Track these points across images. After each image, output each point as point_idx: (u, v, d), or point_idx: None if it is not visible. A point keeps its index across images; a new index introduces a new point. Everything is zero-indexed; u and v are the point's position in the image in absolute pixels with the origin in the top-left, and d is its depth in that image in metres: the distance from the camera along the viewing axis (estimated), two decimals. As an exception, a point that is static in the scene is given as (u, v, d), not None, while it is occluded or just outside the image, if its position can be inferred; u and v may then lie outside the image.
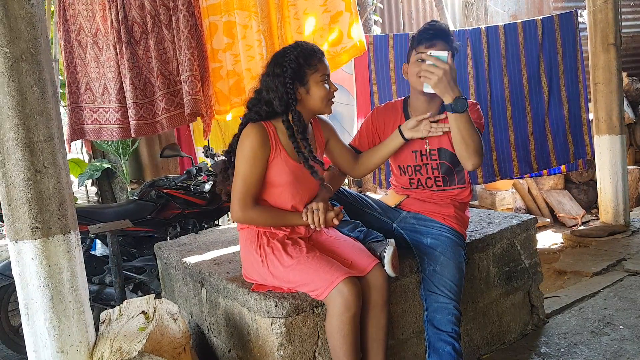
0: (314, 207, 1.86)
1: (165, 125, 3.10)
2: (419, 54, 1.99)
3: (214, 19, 3.04)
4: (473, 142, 1.93)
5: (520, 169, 4.15)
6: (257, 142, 1.81)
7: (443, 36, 2.00)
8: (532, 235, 2.61)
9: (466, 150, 1.94)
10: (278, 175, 1.87)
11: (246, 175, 1.83)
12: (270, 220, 1.88)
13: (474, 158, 1.95)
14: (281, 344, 1.81)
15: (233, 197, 1.86)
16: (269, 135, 1.84)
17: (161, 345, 1.80)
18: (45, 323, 1.73)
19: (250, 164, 1.82)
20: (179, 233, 3.25)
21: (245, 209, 1.84)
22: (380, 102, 4.12)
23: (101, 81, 3.18)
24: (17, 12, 1.64)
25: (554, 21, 4.05)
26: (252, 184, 1.84)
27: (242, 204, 1.84)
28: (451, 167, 2.12)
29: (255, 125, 1.84)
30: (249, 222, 1.89)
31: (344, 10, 2.82)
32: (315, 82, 1.85)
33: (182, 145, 4.79)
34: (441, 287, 1.98)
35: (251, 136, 1.82)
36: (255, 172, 1.83)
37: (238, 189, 1.84)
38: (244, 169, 1.83)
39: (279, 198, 1.90)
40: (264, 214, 1.87)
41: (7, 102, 1.64)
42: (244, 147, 1.83)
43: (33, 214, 1.68)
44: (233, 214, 1.87)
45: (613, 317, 2.66)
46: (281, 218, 1.89)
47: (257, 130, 1.83)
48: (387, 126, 2.19)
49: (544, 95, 4.11)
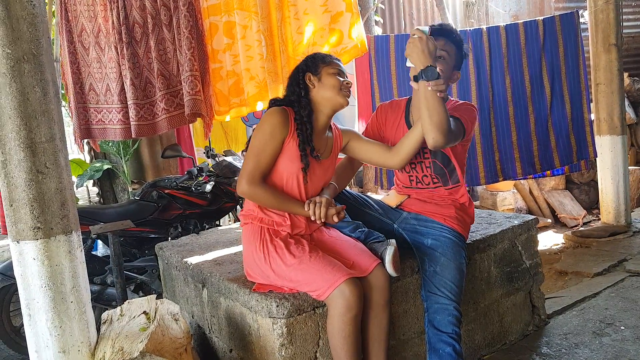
0: (317, 200, 1.90)
1: (165, 126, 3.11)
2: None
3: (214, 20, 3.04)
4: (437, 115, 1.84)
5: (523, 169, 4.15)
6: (277, 120, 1.87)
7: (447, 34, 2.06)
8: (533, 236, 2.61)
9: (429, 123, 1.85)
10: (289, 160, 1.90)
11: (259, 150, 1.87)
12: (273, 201, 1.90)
13: (434, 132, 1.85)
14: (282, 345, 1.81)
15: (242, 170, 1.89)
16: (289, 119, 1.90)
17: (162, 346, 1.81)
18: (46, 323, 1.74)
19: (266, 140, 1.87)
20: (180, 233, 3.26)
21: (252, 184, 1.86)
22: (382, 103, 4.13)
23: (104, 81, 3.19)
24: (19, 13, 1.64)
25: (556, 21, 4.05)
26: (263, 160, 1.88)
27: (250, 177, 1.86)
28: (442, 167, 2.13)
29: (278, 108, 1.92)
30: (252, 197, 1.90)
31: (345, 10, 2.82)
32: (328, 73, 1.95)
33: (182, 146, 4.79)
34: (442, 288, 1.98)
35: (273, 114, 1.89)
36: (269, 149, 1.87)
37: (249, 162, 1.88)
38: (258, 144, 1.87)
39: (285, 185, 1.93)
40: (268, 193, 1.89)
41: (9, 102, 1.64)
42: (263, 124, 1.89)
43: (35, 214, 1.69)
44: (239, 186, 1.89)
45: (614, 317, 2.66)
46: (284, 203, 1.91)
47: (279, 112, 1.90)
48: (388, 123, 2.21)
49: (546, 95, 4.10)
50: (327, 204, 1.91)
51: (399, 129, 2.18)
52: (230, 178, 3.40)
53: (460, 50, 2.10)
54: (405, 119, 2.17)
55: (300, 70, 1.96)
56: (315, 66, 1.95)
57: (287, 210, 1.93)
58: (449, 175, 2.14)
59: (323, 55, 2.01)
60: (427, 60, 1.84)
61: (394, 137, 2.19)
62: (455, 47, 2.07)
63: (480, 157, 4.09)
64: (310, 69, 1.95)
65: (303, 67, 1.97)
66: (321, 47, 2.86)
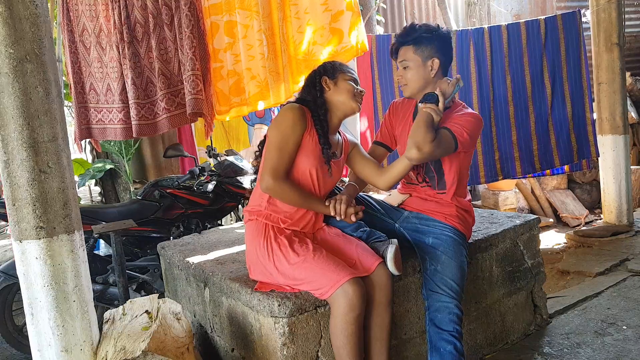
0: (338, 198, 1.94)
1: (165, 126, 3.11)
2: None
3: (215, 19, 3.05)
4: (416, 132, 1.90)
5: (523, 168, 4.14)
6: (297, 115, 1.89)
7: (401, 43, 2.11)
8: (535, 235, 2.61)
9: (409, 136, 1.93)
10: (306, 156, 1.91)
11: (282, 144, 1.87)
12: (297, 197, 1.90)
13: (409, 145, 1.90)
14: (284, 344, 1.81)
15: (265, 166, 1.88)
16: (306, 115, 1.92)
17: (164, 345, 1.81)
18: (49, 322, 1.74)
19: (288, 134, 1.88)
20: (182, 233, 3.26)
21: (278, 179, 1.86)
22: (383, 103, 4.13)
23: (105, 81, 3.19)
24: (21, 13, 1.64)
25: (557, 21, 4.04)
26: (287, 154, 1.88)
27: (275, 172, 1.86)
28: (433, 170, 2.13)
29: (295, 105, 1.95)
30: (278, 192, 1.89)
31: (345, 9, 2.81)
32: (343, 78, 2.01)
33: (184, 146, 4.79)
34: (443, 286, 1.98)
35: (293, 109, 1.92)
36: (291, 141, 1.88)
37: (272, 157, 1.87)
38: (280, 138, 1.88)
39: (301, 180, 1.94)
40: (294, 189, 1.89)
41: (12, 102, 1.65)
42: (282, 119, 1.90)
43: (37, 213, 1.69)
44: (263, 182, 1.88)
45: (616, 317, 2.65)
46: (307, 200, 1.93)
47: (297, 108, 1.92)
48: (399, 119, 2.24)
49: (546, 95, 4.10)
50: (347, 202, 1.93)
51: (406, 127, 2.17)
52: (232, 178, 3.41)
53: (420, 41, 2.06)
54: (413, 117, 2.16)
55: (317, 74, 2.02)
56: (332, 71, 2.01)
57: (309, 208, 1.95)
58: (438, 180, 2.14)
59: (340, 63, 2.08)
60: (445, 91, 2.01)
61: (401, 137, 2.20)
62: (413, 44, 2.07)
63: (480, 156, 4.09)
64: (327, 73, 2.01)
65: (320, 71, 2.02)
66: (322, 47, 2.85)
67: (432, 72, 2.07)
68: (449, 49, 2.11)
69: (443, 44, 2.09)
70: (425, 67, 2.07)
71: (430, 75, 2.07)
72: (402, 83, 2.13)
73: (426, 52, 2.06)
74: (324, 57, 2.84)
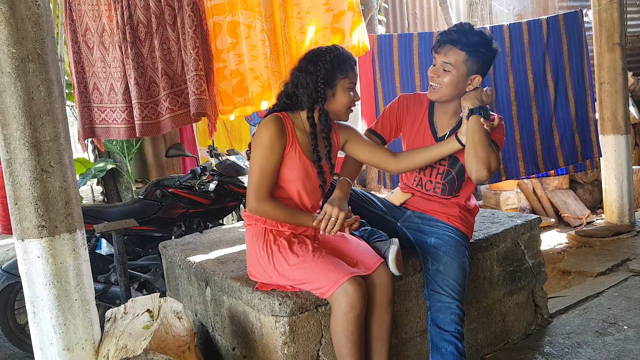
0: (334, 215, 1.83)
1: (169, 125, 3.12)
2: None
3: (218, 19, 3.05)
4: (483, 150, 1.89)
5: (527, 169, 4.14)
6: (274, 133, 1.83)
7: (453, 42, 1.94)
8: (536, 235, 2.61)
9: (474, 157, 1.90)
10: (289, 170, 1.88)
11: (262, 166, 1.84)
12: (282, 216, 1.88)
13: (478, 165, 1.90)
14: (285, 343, 1.82)
15: (249, 187, 1.87)
16: (286, 129, 1.87)
17: (166, 344, 1.82)
18: (51, 321, 1.75)
19: (267, 154, 1.84)
20: (184, 232, 3.27)
21: (260, 200, 1.85)
22: (385, 103, 4.12)
23: (108, 81, 3.20)
24: (24, 13, 1.65)
25: (559, 21, 4.03)
26: (268, 175, 1.85)
27: (257, 194, 1.85)
28: (455, 178, 2.11)
29: (273, 117, 1.87)
30: (262, 214, 1.89)
31: (347, 9, 2.81)
32: (343, 87, 1.89)
33: (186, 145, 4.80)
34: (444, 286, 1.98)
35: (269, 127, 1.84)
36: (272, 162, 1.85)
37: (254, 179, 1.86)
38: (260, 159, 1.84)
39: (286, 192, 1.92)
40: (277, 209, 1.87)
41: (14, 102, 1.65)
42: (261, 138, 1.84)
43: (39, 212, 1.70)
44: (248, 204, 1.88)
45: (617, 317, 2.65)
46: (294, 216, 1.89)
47: (275, 122, 1.85)
48: (410, 115, 2.16)
49: (550, 95, 4.09)
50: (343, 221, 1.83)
51: (420, 129, 2.14)
52: (233, 177, 3.41)
53: (475, 53, 1.94)
54: (429, 121, 2.12)
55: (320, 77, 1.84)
56: (332, 77, 1.86)
57: (297, 224, 1.91)
58: (458, 185, 2.12)
59: (342, 59, 1.88)
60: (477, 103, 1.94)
61: (410, 133, 2.17)
62: (466, 52, 1.93)
63: (483, 157, 4.08)
64: (327, 78, 1.85)
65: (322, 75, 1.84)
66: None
67: (469, 88, 2.00)
68: (489, 68, 2.04)
69: (490, 63, 2.01)
70: (466, 81, 1.98)
71: (465, 90, 2.00)
72: (434, 82, 1.99)
73: (474, 67, 1.95)
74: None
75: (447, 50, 1.95)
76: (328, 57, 1.86)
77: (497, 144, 2.00)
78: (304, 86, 1.87)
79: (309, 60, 1.88)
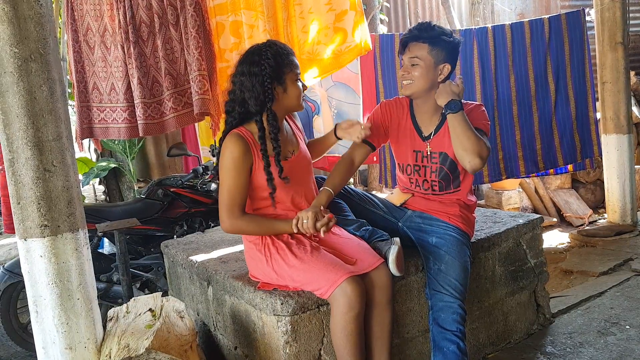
0: (304, 217, 1.82)
1: (173, 125, 3.12)
2: None
3: (220, 19, 3.05)
4: (469, 141, 1.92)
5: (527, 168, 4.14)
6: (237, 153, 1.81)
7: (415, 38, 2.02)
8: (538, 235, 2.61)
9: (462, 149, 1.94)
10: (259, 185, 1.88)
11: (230, 186, 1.83)
12: (258, 229, 1.88)
13: (470, 156, 1.92)
14: (287, 342, 1.82)
15: (220, 207, 1.86)
16: (248, 144, 1.84)
17: (168, 343, 1.82)
18: (53, 320, 1.75)
19: (233, 175, 1.82)
20: (186, 231, 3.27)
21: (232, 219, 1.85)
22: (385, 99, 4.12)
23: (108, 81, 3.20)
24: (26, 13, 1.65)
25: (561, 20, 4.03)
26: (237, 194, 1.84)
27: (229, 213, 1.85)
28: (449, 174, 2.11)
29: (233, 136, 1.84)
30: (237, 231, 1.90)
31: (349, 9, 2.82)
32: (292, 80, 1.88)
33: (188, 145, 4.80)
34: (446, 286, 1.98)
35: (230, 147, 1.82)
36: (239, 182, 1.83)
37: (224, 199, 1.85)
38: (227, 179, 1.83)
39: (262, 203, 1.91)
40: (252, 223, 1.87)
41: (17, 101, 1.66)
42: (225, 159, 1.83)
43: (42, 212, 1.70)
44: (222, 224, 1.88)
45: (619, 317, 2.65)
46: (270, 227, 1.89)
47: (236, 141, 1.82)
48: (394, 120, 2.19)
49: (550, 94, 4.09)
50: (314, 219, 1.81)
51: (406, 132, 2.16)
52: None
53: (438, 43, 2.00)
54: (412, 122, 2.15)
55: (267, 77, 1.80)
56: (279, 73, 1.83)
57: (275, 233, 1.89)
58: (453, 180, 2.13)
59: (282, 54, 1.85)
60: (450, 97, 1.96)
61: (397, 137, 2.19)
62: (429, 44, 2.00)
63: (484, 156, 4.08)
64: (275, 76, 1.82)
65: (269, 73, 1.80)
66: (325, 46, 2.86)
67: (440, 77, 2.04)
68: (457, 58, 2.08)
69: (455, 52, 2.06)
70: (436, 71, 2.02)
71: (437, 80, 2.03)
72: (405, 79, 2.05)
73: (440, 56, 2.01)
74: (328, 56, 2.86)
75: (411, 47, 2.03)
76: (270, 54, 1.83)
77: (483, 130, 2.02)
78: (250, 89, 1.83)
79: (250, 63, 1.84)
